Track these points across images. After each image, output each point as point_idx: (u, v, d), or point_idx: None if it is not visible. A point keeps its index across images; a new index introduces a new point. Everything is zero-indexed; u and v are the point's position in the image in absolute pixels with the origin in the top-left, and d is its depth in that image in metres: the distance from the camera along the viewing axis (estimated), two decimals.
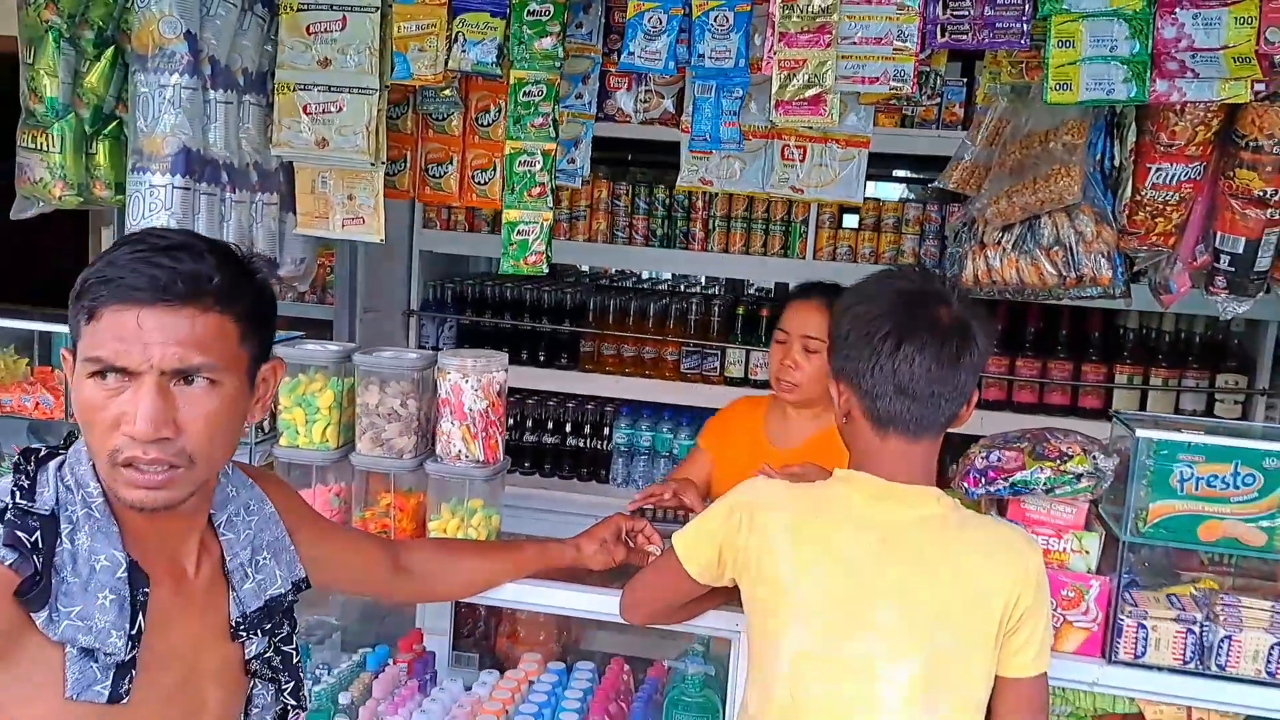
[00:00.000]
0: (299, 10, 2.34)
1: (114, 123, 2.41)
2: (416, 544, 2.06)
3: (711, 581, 1.78)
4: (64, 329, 2.41)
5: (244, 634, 1.49)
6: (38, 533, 1.28)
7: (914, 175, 4.90)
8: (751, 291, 4.66)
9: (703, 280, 4.71)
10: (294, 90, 2.37)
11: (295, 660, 1.58)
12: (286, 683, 1.57)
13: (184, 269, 1.28)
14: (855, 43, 2.12)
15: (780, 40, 2.12)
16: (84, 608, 1.28)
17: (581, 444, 4.17)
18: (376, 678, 2.37)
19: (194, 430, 1.30)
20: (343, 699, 2.30)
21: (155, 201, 2.20)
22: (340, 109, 2.35)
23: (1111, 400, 3.73)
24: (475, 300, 4.21)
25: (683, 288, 4.56)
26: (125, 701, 1.30)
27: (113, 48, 2.37)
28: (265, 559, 1.54)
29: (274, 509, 1.58)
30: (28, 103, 2.37)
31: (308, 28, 2.34)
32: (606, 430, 4.15)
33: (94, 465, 1.34)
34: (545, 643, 2.83)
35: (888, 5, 2.10)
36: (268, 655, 1.54)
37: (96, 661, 1.29)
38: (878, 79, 2.13)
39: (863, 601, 1.62)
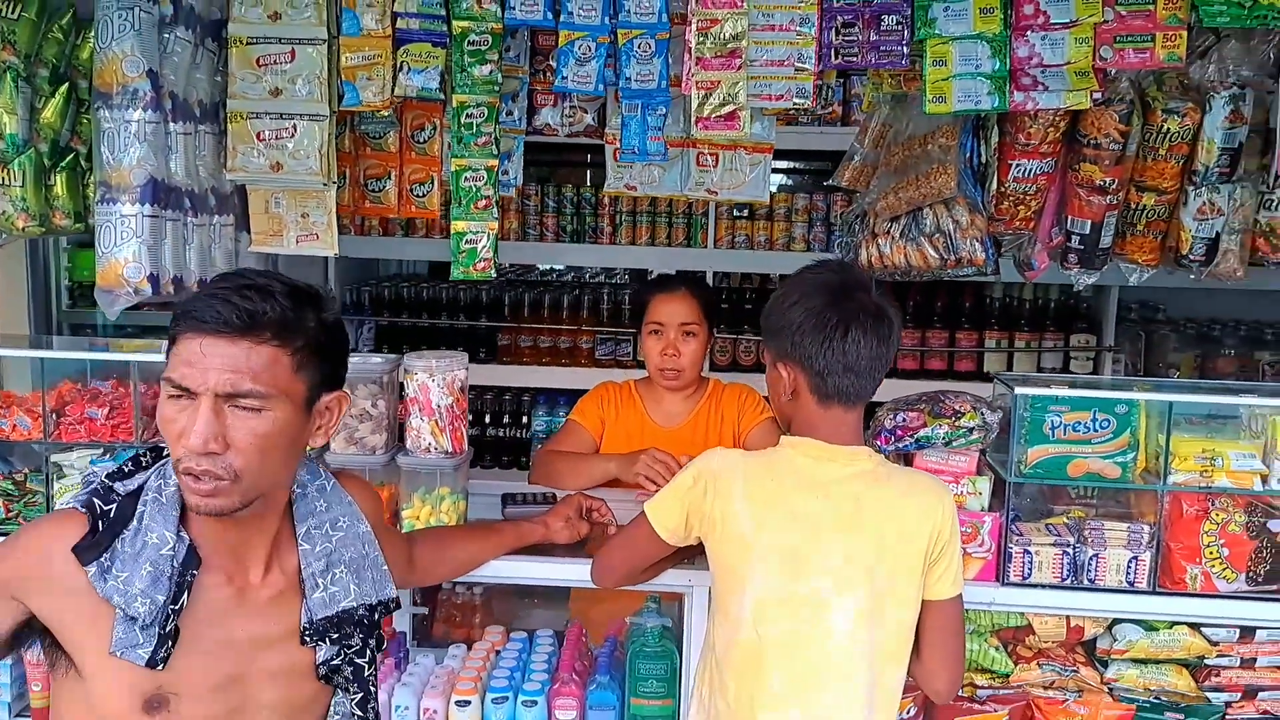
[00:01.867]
0: (249, 44, 2.51)
1: (70, 155, 2.54)
2: (417, 540, 2.21)
3: (679, 542, 2.04)
4: (14, 352, 2.57)
5: (309, 640, 1.62)
6: (115, 506, 1.51)
7: (805, 167, 5.26)
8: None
9: (620, 272, 4.98)
10: (246, 119, 2.54)
11: (367, 674, 1.69)
12: (355, 693, 1.69)
13: (246, 306, 1.47)
14: (762, 65, 2.43)
15: (697, 64, 2.40)
16: (129, 575, 1.47)
17: (502, 434, 4.41)
18: None
19: (241, 448, 1.47)
20: None
21: (126, 230, 2.35)
22: (293, 134, 2.53)
23: (983, 363, 4.17)
24: (392, 301, 4.40)
25: (588, 277, 4.82)
26: (161, 668, 1.48)
27: (67, 84, 2.51)
28: (341, 573, 1.65)
29: (369, 529, 1.72)
30: None
31: (258, 60, 2.52)
32: (525, 419, 4.39)
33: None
34: (481, 625, 3.04)
35: (789, 31, 2.41)
36: (337, 664, 1.65)
37: (139, 626, 1.47)
38: (782, 96, 2.44)
39: (813, 547, 1.90)
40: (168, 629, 1.49)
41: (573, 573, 2.30)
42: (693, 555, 2.19)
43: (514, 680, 2.43)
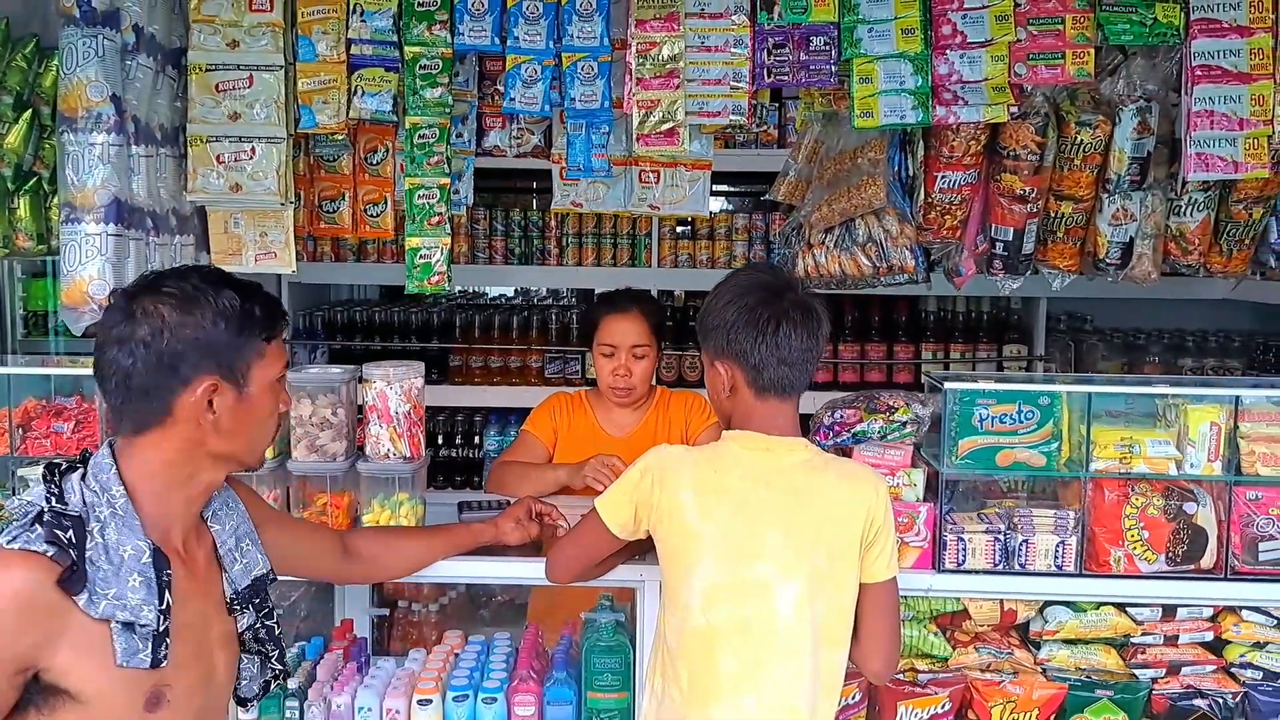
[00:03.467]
0: (208, 70, 2.60)
1: (33, 179, 2.61)
2: (361, 532, 2.37)
3: (629, 536, 2.14)
4: None
5: (237, 608, 1.80)
6: (71, 530, 1.56)
7: (746, 190, 5.42)
8: None
9: (566, 292, 5.09)
10: (206, 142, 2.62)
11: (278, 632, 1.89)
12: (273, 650, 1.88)
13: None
14: (699, 84, 2.56)
15: (638, 84, 2.53)
16: (118, 590, 1.56)
17: (455, 454, 4.48)
18: (317, 664, 2.63)
19: None
20: (290, 684, 2.56)
21: (91, 248, 2.41)
22: (252, 156, 2.61)
23: (920, 374, 4.33)
24: (344, 325, 4.47)
25: (535, 300, 4.93)
26: (164, 665, 1.59)
27: (30, 110, 2.58)
28: (247, 545, 1.85)
29: (244, 507, 1.89)
30: None
31: (216, 85, 2.60)
32: (478, 439, 4.47)
33: (117, 471, 1.62)
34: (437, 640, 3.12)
35: (724, 52, 2.55)
36: (256, 627, 1.84)
37: (136, 633, 1.57)
38: (719, 113, 2.57)
39: (756, 535, 2.01)
40: (162, 629, 1.58)
41: (526, 570, 2.40)
42: (644, 551, 2.28)
43: (474, 679, 2.51)
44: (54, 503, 1.58)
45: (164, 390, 1.64)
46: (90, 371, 2.49)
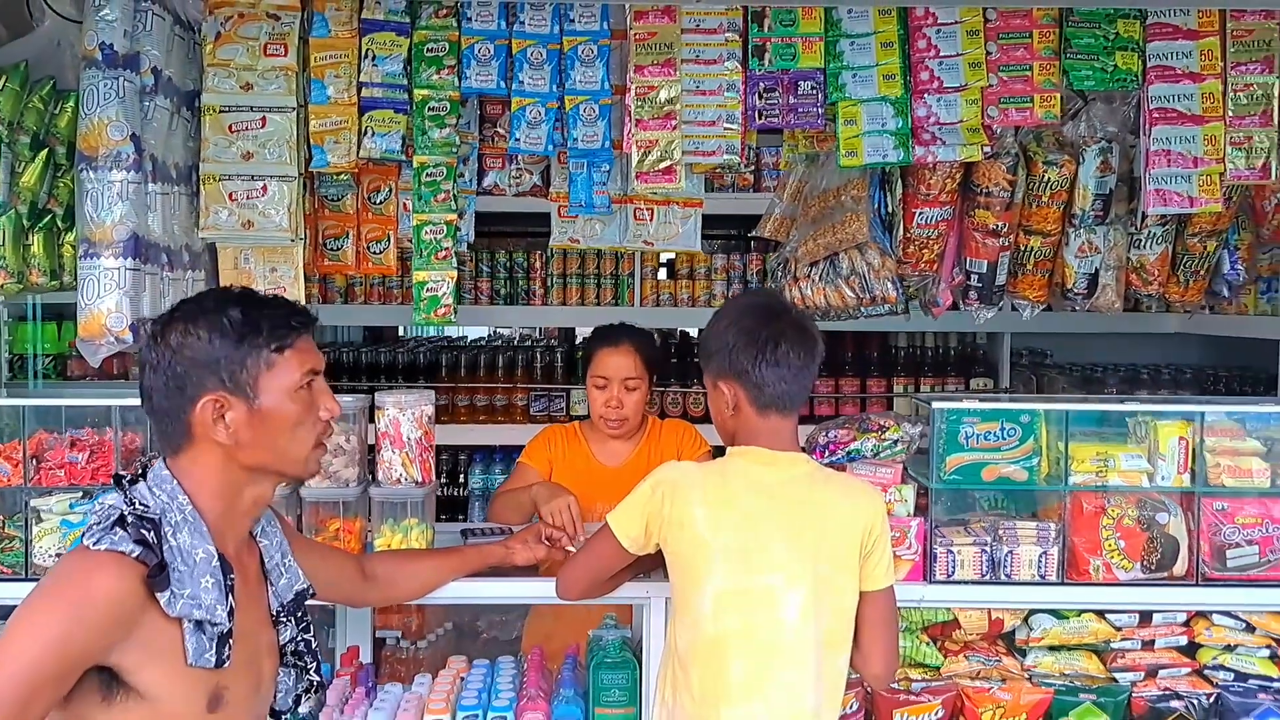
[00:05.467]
0: (221, 112, 2.70)
1: (47, 216, 2.68)
2: (376, 556, 2.44)
3: (639, 550, 2.23)
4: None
5: (282, 621, 1.87)
6: (152, 532, 1.64)
7: (725, 232, 5.57)
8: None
9: (541, 335, 5.20)
10: (219, 180, 2.72)
11: (315, 645, 1.96)
12: (310, 663, 1.95)
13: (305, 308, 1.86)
14: (695, 125, 2.71)
15: (637, 125, 2.68)
16: (192, 590, 1.64)
17: (440, 492, 4.54)
18: (326, 689, 2.69)
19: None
20: (302, 710, 2.61)
21: (109, 282, 2.48)
22: (264, 194, 2.71)
23: (892, 407, 4.49)
24: (331, 367, 4.52)
25: (518, 341, 5.04)
26: (227, 665, 1.67)
27: (46, 150, 2.66)
28: (289, 562, 1.93)
29: (280, 526, 1.97)
30: None
31: (230, 126, 2.71)
32: (463, 477, 4.54)
33: (179, 482, 1.70)
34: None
35: (718, 95, 2.71)
36: (297, 640, 1.91)
37: (205, 633, 1.64)
38: (714, 152, 2.72)
39: (763, 545, 2.11)
40: (228, 630, 1.65)
41: (534, 590, 2.49)
42: (650, 569, 2.38)
43: (482, 699, 2.57)
44: (136, 505, 1.65)
45: (178, 410, 1.72)
46: (103, 403, 2.59)
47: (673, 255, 4.56)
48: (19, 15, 2.92)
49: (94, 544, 1.59)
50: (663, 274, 4.56)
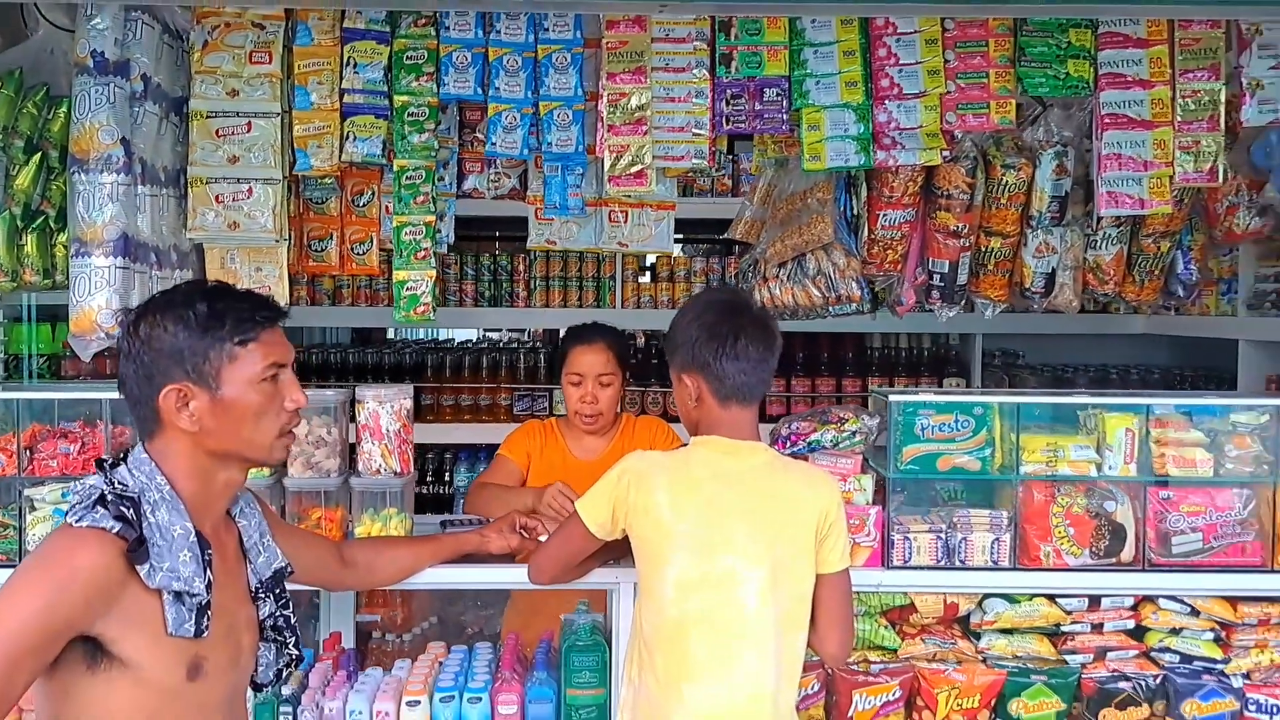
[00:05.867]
0: (209, 117, 2.81)
1: (40, 218, 2.79)
2: (355, 542, 2.55)
3: (606, 536, 2.33)
4: None
5: (261, 597, 1.97)
6: (132, 509, 1.73)
7: (704, 236, 5.71)
8: None
9: (528, 336, 5.31)
10: (206, 183, 2.82)
11: (293, 621, 2.06)
12: (289, 638, 2.05)
13: (273, 301, 1.91)
14: (665, 131, 2.82)
15: (609, 131, 2.78)
16: (171, 564, 1.73)
17: (426, 490, 4.65)
18: (309, 673, 2.78)
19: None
20: (285, 691, 2.70)
21: (100, 280, 2.60)
22: (249, 196, 2.82)
23: (868, 406, 4.59)
24: (319, 367, 4.64)
25: (503, 343, 5.14)
26: (205, 635, 1.76)
27: (39, 154, 2.77)
28: (268, 541, 2.02)
29: (259, 508, 2.07)
30: None
31: (217, 131, 2.82)
32: (448, 475, 4.64)
33: (155, 464, 1.80)
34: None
35: (686, 102, 2.81)
36: (275, 615, 2.01)
37: (184, 605, 1.74)
38: (683, 157, 2.83)
39: (724, 530, 2.21)
40: (206, 601, 1.75)
41: (508, 576, 2.59)
42: (619, 556, 2.48)
43: (459, 682, 2.67)
44: (115, 485, 1.75)
45: (148, 398, 1.81)
46: (94, 396, 2.70)
47: (653, 259, 4.67)
48: (14, 24, 3.03)
49: (76, 521, 1.68)
50: (644, 277, 4.67)
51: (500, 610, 3.52)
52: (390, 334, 5.53)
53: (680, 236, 5.69)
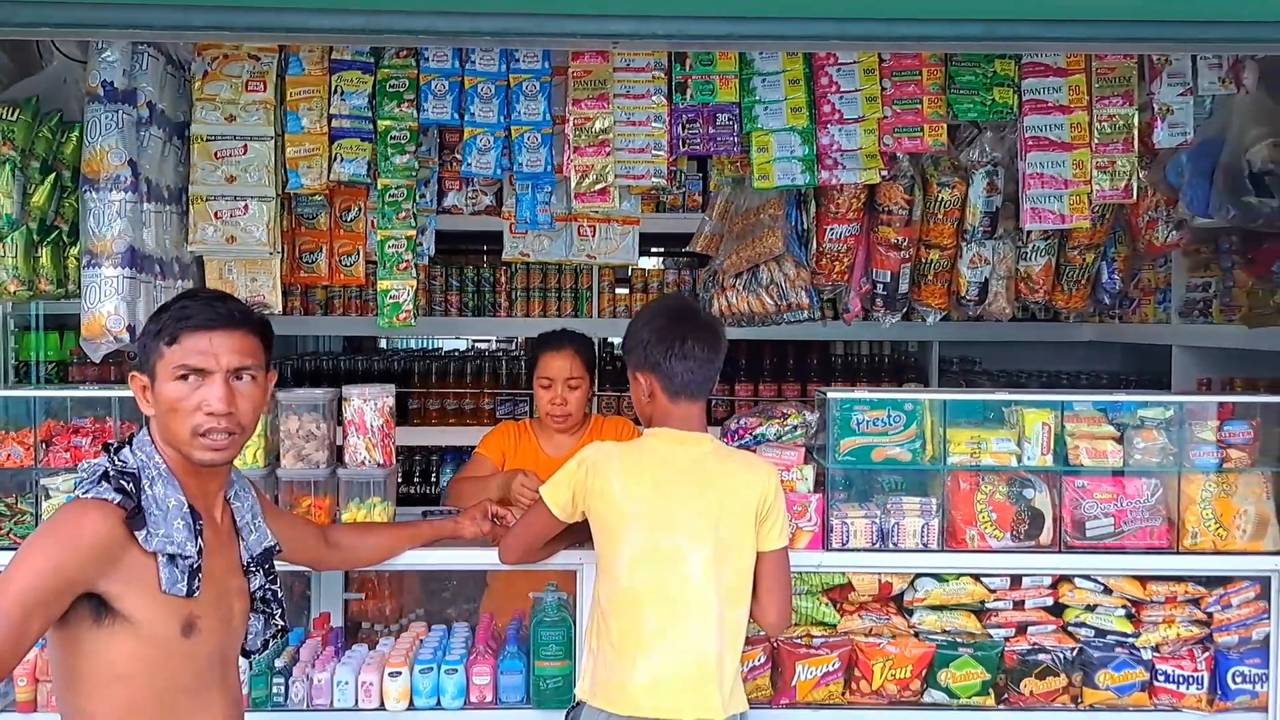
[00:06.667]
0: (208, 140, 3.07)
1: (54, 232, 3.03)
2: (339, 526, 2.80)
3: (567, 518, 2.57)
4: (14, 392, 3.01)
5: (251, 571, 2.19)
6: (131, 483, 1.97)
7: (676, 250, 5.96)
8: None
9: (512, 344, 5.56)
10: (206, 201, 3.08)
11: (280, 595, 2.28)
12: (276, 609, 2.27)
13: (235, 307, 2.06)
14: (626, 152, 3.07)
15: (575, 152, 3.04)
16: (166, 530, 1.96)
17: (413, 490, 4.89)
18: (299, 649, 3.03)
19: (243, 408, 2.03)
20: (278, 664, 2.95)
21: (109, 288, 2.85)
22: (245, 212, 3.08)
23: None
24: (311, 373, 4.89)
25: (488, 351, 5.39)
26: (197, 596, 1.99)
27: (53, 174, 3.02)
28: (259, 522, 2.25)
29: (254, 493, 2.32)
30: None
31: (215, 153, 3.08)
32: (434, 476, 4.88)
33: (155, 445, 2.05)
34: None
35: (646, 126, 3.07)
36: (265, 588, 2.23)
37: (177, 566, 1.96)
38: (643, 176, 3.08)
39: (672, 511, 2.45)
40: (196, 565, 1.99)
41: (480, 557, 2.84)
42: (583, 540, 2.73)
43: (437, 655, 2.92)
44: (117, 464, 2.00)
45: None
46: (104, 394, 2.94)
47: (628, 271, 4.92)
48: (29, 55, 3.29)
49: (83, 493, 1.93)
50: (620, 289, 4.93)
51: (480, 604, 3.76)
52: (381, 343, 5.78)
53: (659, 250, 5.96)
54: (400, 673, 2.84)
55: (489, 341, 5.88)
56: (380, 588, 4.17)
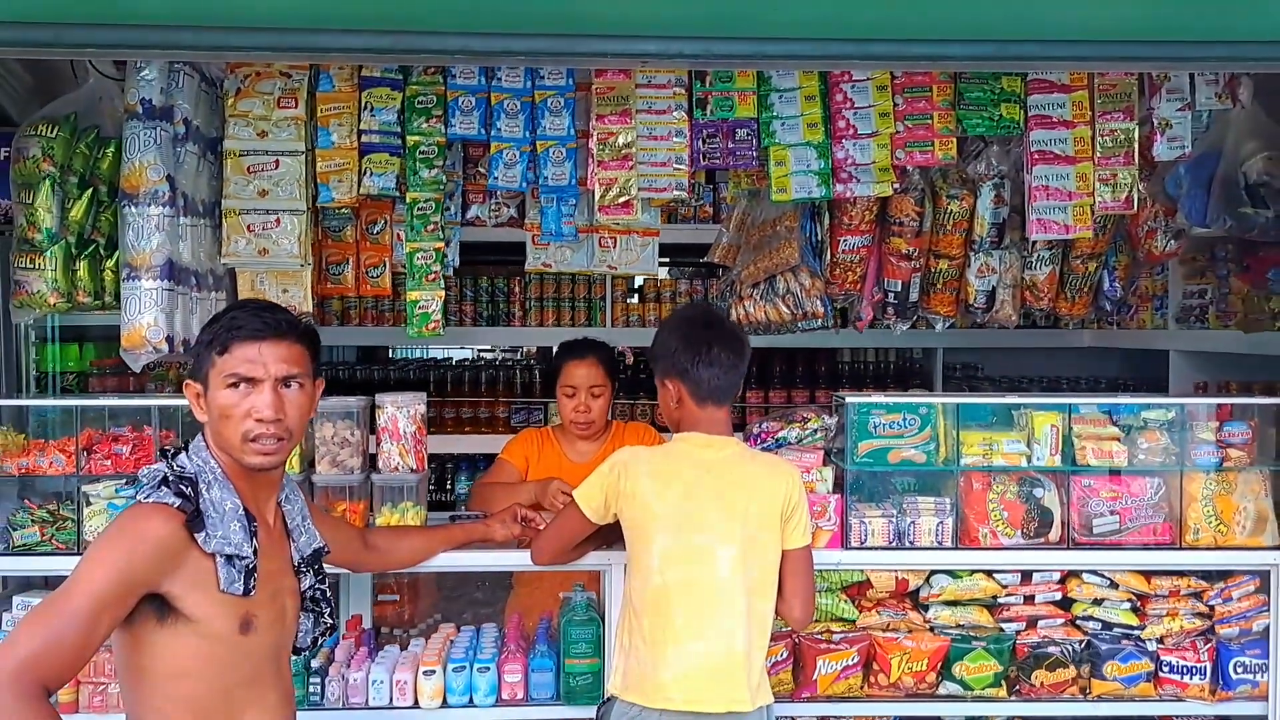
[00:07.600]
0: (241, 155, 3.17)
1: (91, 246, 3.12)
2: (376, 530, 2.89)
3: (599, 519, 2.67)
4: (56, 402, 3.09)
5: (302, 571, 2.29)
6: (190, 488, 2.07)
7: (687, 260, 6.09)
8: None
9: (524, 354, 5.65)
10: (239, 214, 3.17)
11: (329, 595, 2.38)
12: (325, 609, 2.37)
13: (283, 318, 2.15)
14: (648, 165, 3.17)
15: (599, 166, 3.15)
16: (224, 532, 2.05)
17: (429, 498, 4.96)
18: (334, 649, 3.11)
19: (291, 415, 2.12)
20: (314, 664, 3.03)
21: (148, 300, 2.93)
22: (277, 225, 3.17)
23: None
24: (329, 383, 4.95)
25: (500, 360, 5.49)
26: (253, 595, 2.08)
27: (91, 189, 3.11)
28: (309, 524, 2.34)
29: (303, 497, 2.41)
30: (24, 233, 3.04)
31: (248, 168, 3.17)
32: (450, 483, 4.97)
33: (209, 450, 2.14)
34: None
35: (668, 140, 3.17)
36: (315, 588, 2.32)
37: (234, 566, 2.05)
38: (665, 189, 3.18)
39: (701, 511, 2.55)
40: (252, 566, 2.08)
41: (511, 559, 2.94)
42: (611, 541, 2.83)
43: (469, 655, 3.01)
44: (174, 469, 2.09)
45: None
46: (144, 403, 3.03)
47: (641, 281, 5.03)
48: (54, 74, 3.38)
49: (145, 498, 2.02)
50: (633, 298, 5.04)
51: (500, 607, 3.84)
52: (392, 353, 5.88)
53: (666, 260, 6.07)
54: (434, 671, 2.93)
55: (504, 351, 5.98)
56: (402, 589, 4.27)
